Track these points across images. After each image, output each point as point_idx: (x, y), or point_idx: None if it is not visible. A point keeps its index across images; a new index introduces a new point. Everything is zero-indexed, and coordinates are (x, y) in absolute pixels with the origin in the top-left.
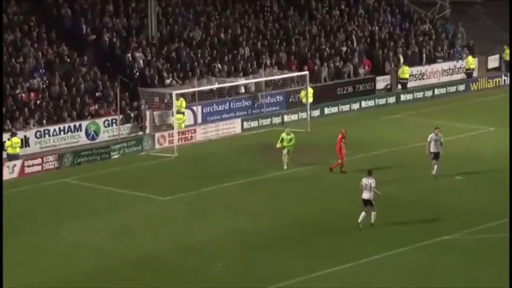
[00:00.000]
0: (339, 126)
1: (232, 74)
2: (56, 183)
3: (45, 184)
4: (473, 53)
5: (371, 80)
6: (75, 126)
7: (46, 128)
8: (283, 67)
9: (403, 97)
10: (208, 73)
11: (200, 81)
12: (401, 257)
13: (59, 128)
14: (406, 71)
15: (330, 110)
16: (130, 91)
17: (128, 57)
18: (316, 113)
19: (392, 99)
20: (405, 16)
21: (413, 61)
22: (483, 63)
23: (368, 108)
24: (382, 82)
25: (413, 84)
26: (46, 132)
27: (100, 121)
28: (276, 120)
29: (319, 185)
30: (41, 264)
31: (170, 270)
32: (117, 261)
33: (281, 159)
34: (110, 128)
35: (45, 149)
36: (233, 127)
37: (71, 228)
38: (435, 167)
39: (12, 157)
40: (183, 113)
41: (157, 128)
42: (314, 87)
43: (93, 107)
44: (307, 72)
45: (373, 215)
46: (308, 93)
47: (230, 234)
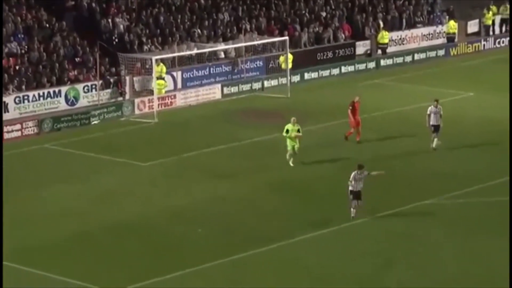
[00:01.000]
0: (318, 91)
1: (212, 40)
2: (35, 148)
3: (25, 150)
4: (453, 17)
5: (351, 45)
6: (54, 91)
7: (25, 93)
8: (263, 32)
9: (383, 62)
10: (187, 38)
11: (179, 46)
12: (382, 221)
13: (38, 93)
14: (386, 36)
15: (310, 75)
16: (110, 56)
17: (107, 22)
18: (296, 78)
19: (372, 64)
20: None
21: (392, 26)
22: (462, 28)
23: (348, 73)
24: (362, 47)
25: (393, 49)
26: (26, 97)
27: (80, 86)
28: (256, 85)
29: (300, 151)
30: (22, 230)
31: (150, 235)
32: (97, 226)
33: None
34: (89, 94)
35: (24, 115)
36: (213, 92)
37: (51, 193)
38: (435, 140)
39: None
40: (163, 79)
41: (137, 94)
42: (294, 53)
43: (73, 73)
44: (287, 38)
45: (354, 210)
46: (288, 59)
47: (210, 200)
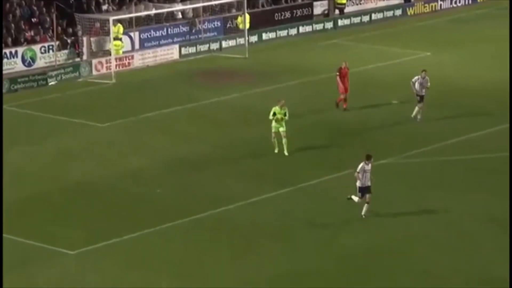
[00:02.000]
0: (276, 51)
1: (169, 0)
2: None
3: None
4: None
5: (309, 5)
6: (11, 52)
7: None
8: None
9: (340, 22)
10: None
11: (137, 6)
12: (341, 180)
13: None
14: None
15: (268, 35)
16: (67, 17)
17: None
18: (254, 38)
19: (329, 25)
20: None
21: None
22: None
23: (305, 34)
24: (319, 7)
25: (350, 9)
26: None
27: (37, 47)
28: (214, 46)
29: (257, 111)
30: None
31: (108, 196)
32: (56, 186)
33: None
34: (46, 55)
35: None
36: (170, 53)
37: (9, 155)
38: (416, 109)
39: None
40: (120, 39)
41: (94, 55)
42: (252, 13)
43: (29, 34)
44: None
45: (366, 206)
46: (246, 19)
47: (169, 160)
